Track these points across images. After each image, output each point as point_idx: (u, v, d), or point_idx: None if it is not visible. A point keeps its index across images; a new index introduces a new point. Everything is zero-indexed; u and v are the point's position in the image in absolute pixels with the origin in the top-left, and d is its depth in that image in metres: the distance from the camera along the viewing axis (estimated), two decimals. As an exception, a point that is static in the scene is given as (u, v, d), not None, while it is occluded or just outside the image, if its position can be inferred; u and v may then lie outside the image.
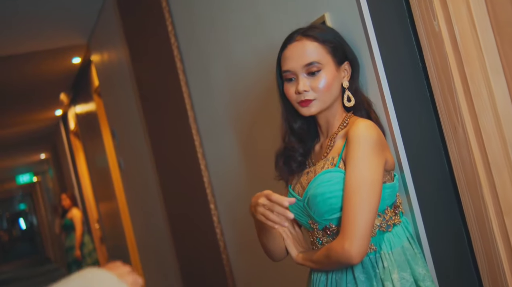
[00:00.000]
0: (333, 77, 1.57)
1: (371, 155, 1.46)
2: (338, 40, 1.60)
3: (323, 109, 1.60)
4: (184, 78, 3.04)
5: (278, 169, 1.72)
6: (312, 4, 1.84)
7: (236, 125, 2.66)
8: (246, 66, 2.42)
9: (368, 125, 1.50)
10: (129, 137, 4.86)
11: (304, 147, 1.69)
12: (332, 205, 1.50)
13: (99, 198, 7.68)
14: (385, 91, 1.61)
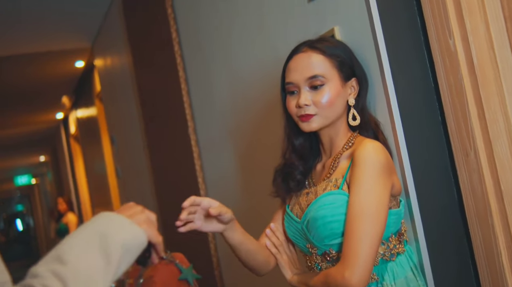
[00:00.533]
0: (337, 93, 1.49)
1: (378, 178, 1.37)
2: (346, 55, 1.52)
3: (324, 126, 1.51)
4: (185, 87, 2.96)
5: (276, 186, 1.63)
6: (322, 16, 1.76)
7: (236, 139, 2.57)
8: (249, 79, 2.33)
9: (376, 146, 1.41)
10: (128, 144, 4.79)
11: (305, 165, 1.60)
12: (333, 229, 1.41)
13: (95, 204, 7.59)
14: (394, 111, 1.52)
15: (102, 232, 1.01)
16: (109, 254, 0.99)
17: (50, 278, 0.89)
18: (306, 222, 1.47)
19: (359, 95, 1.53)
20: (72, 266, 0.92)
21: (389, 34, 1.54)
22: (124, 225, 1.06)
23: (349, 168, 1.44)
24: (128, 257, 1.03)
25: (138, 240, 1.06)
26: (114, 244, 1.00)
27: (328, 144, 1.56)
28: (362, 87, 1.53)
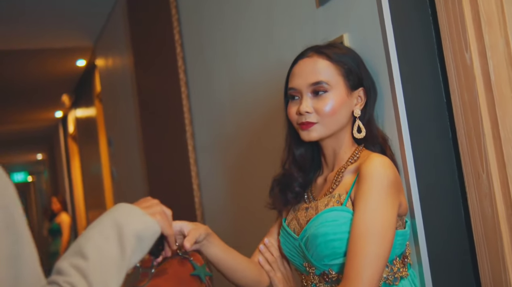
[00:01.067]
0: (342, 102, 1.40)
1: (385, 195, 1.28)
2: (355, 63, 1.43)
3: (325, 136, 1.42)
4: (186, 90, 2.88)
5: (273, 197, 1.54)
6: (331, 22, 1.67)
7: (234, 146, 2.48)
8: (252, 85, 2.25)
9: (385, 162, 1.32)
10: (125, 147, 4.71)
11: (304, 177, 1.51)
12: (335, 248, 1.31)
13: (89, 205, 7.49)
14: (403, 125, 1.44)
15: (118, 223, 1.06)
16: (124, 244, 1.04)
17: (74, 275, 0.94)
18: (305, 239, 1.38)
19: (366, 107, 1.44)
20: (92, 261, 0.97)
21: (401, 44, 1.46)
22: (138, 215, 1.10)
23: (354, 183, 1.35)
24: (140, 247, 1.08)
25: (150, 230, 1.10)
26: (128, 234, 1.05)
27: (331, 156, 1.47)
28: (370, 98, 1.44)
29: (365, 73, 1.45)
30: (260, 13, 2.14)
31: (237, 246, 2.46)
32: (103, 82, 5.47)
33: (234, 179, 2.54)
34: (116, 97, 4.93)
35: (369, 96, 1.44)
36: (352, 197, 1.34)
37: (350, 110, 1.42)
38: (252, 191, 2.36)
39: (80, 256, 0.98)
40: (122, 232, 1.05)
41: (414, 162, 1.43)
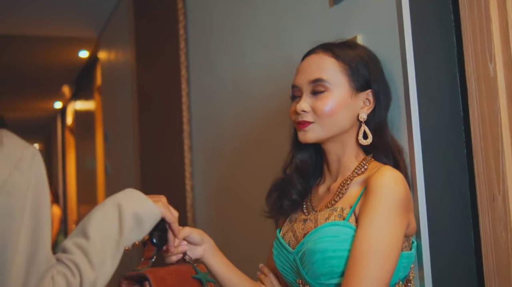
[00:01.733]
0: (343, 103, 1.28)
1: (394, 213, 1.17)
2: (365, 62, 1.31)
3: (323, 138, 1.31)
4: (186, 88, 2.77)
5: (269, 203, 1.42)
6: (345, 23, 1.56)
7: (232, 149, 2.37)
8: (256, 85, 2.14)
9: (397, 177, 1.20)
10: (120, 142, 4.60)
11: (305, 185, 1.40)
12: (333, 267, 1.19)
13: (81, 200, 7.38)
14: (415, 138, 1.32)
15: (119, 204, 1.17)
16: (122, 223, 1.15)
17: (76, 253, 1.06)
18: (300, 254, 1.26)
19: (375, 111, 1.31)
20: (93, 240, 1.09)
21: (419, 49, 1.34)
22: (140, 199, 1.21)
23: (360, 197, 1.23)
24: (138, 227, 1.18)
25: (150, 213, 1.20)
26: (127, 213, 1.16)
27: (335, 164, 1.35)
28: (380, 102, 1.31)
29: (377, 74, 1.32)
30: (269, 10, 2.03)
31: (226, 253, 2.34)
32: (104, 76, 5.37)
33: (230, 183, 2.42)
34: (116, 92, 4.83)
35: (379, 100, 1.31)
36: (356, 212, 1.22)
37: (355, 114, 1.31)
38: (248, 198, 2.24)
39: (82, 236, 1.10)
40: (122, 212, 1.16)
41: (425, 178, 1.32)
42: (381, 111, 1.32)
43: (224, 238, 2.49)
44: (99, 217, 1.14)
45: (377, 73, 1.33)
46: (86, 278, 1.05)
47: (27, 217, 0.99)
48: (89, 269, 1.06)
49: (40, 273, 0.99)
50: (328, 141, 1.33)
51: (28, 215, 0.99)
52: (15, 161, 1.01)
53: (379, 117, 1.31)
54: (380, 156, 1.31)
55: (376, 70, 1.33)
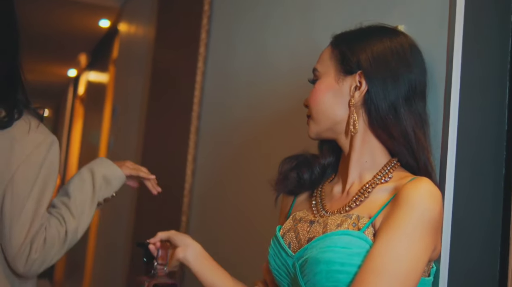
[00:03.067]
0: (326, 89, 1.16)
1: (423, 233, 1.00)
2: (362, 43, 1.15)
3: (320, 131, 1.19)
4: (202, 66, 2.60)
5: (283, 172, 1.27)
6: (385, 9, 1.40)
7: (243, 135, 2.21)
8: (276, 72, 1.98)
9: (435, 193, 1.02)
10: (127, 118, 4.46)
11: (325, 168, 1.26)
12: (338, 282, 1.02)
13: (81, 172, 7.25)
14: (450, 149, 1.15)
15: (92, 169, 1.60)
16: (95, 184, 1.58)
17: (61, 208, 1.51)
18: (302, 261, 1.09)
19: (371, 95, 1.12)
20: (73, 198, 1.53)
21: (469, 53, 1.18)
22: (108, 164, 1.63)
23: (385, 207, 1.06)
24: (106, 186, 1.61)
25: (116, 174, 1.63)
26: (97, 176, 1.59)
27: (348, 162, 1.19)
28: (374, 84, 1.12)
29: (374, 52, 1.13)
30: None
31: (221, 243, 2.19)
32: (122, 49, 5.24)
33: (234, 173, 2.26)
34: (131, 66, 4.70)
35: (372, 82, 1.12)
36: (376, 224, 1.05)
37: (345, 100, 1.15)
38: (252, 192, 2.08)
39: (65, 195, 1.54)
40: (94, 175, 1.59)
41: (454, 200, 1.15)
42: (379, 96, 1.12)
43: (220, 231, 2.34)
44: (77, 180, 1.58)
45: (376, 52, 1.14)
46: (70, 225, 1.49)
47: (37, 183, 1.44)
48: (72, 219, 1.50)
49: (39, 223, 1.43)
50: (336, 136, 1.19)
51: (38, 182, 1.44)
52: (37, 143, 1.46)
53: (378, 104, 1.12)
54: (404, 156, 1.13)
55: (377, 49, 1.14)
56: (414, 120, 1.11)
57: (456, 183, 1.15)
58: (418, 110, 1.12)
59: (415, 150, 1.10)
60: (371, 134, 1.15)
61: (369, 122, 1.14)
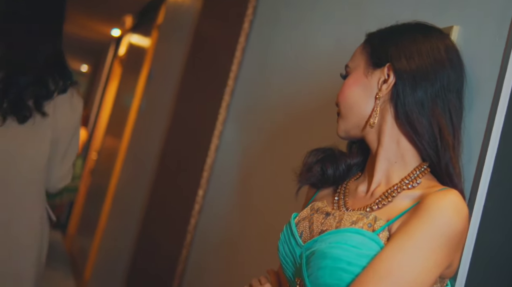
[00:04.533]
0: (353, 82, 1.12)
1: (440, 245, 0.94)
2: (395, 37, 1.11)
3: (348, 129, 1.15)
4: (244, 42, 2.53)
5: (306, 163, 1.23)
6: (443, 8, 1.32)
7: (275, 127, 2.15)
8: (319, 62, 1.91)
9: (462, 207, 0.96)
10: (161, 85, 4.44)
11: (346, 169, 1.20)
12: (341, 280, 0.97)
13: (109, 131, 7.29)
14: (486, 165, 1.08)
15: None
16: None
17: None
18: (309, 252, 1.04)
19: (398, 89, 1.07)
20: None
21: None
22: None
23: (405, 213, 1.00)
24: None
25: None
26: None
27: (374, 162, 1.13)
28: (403, 78, 1.07)
29: (407, 46, 1.09)
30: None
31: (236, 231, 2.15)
32: (167, 15, 5.21)
33: (257, 156, 2.21)
34: (173, 34, 4.67)
35: (401, 76, 1.07)
36: (392, 228, 1.00)
37: (374, 94, 1.10)
38: (272, 181, 2.03)
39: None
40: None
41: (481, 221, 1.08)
42: (406, 90, 1.07)
43: (231, 230, 2.30)
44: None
45: (407, 45, 1.09)
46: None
47: (77, 131, 2.06)
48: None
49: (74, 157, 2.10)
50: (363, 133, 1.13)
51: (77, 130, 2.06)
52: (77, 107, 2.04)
53: (404, 98, 1.07)
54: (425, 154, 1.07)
55: (409, 43, 1.09)
56: (441, 118, 1.05)
57: (488, 199, 1.08)
58: (448, 108, 1.06)
59: (439, 147, 1.05)
60: (399, 131, 1.09)
61: (396, 117, 1.09)
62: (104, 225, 5.36)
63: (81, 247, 6.31)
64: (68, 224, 7.80)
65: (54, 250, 6.80)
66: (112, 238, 4.84)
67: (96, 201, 6.09)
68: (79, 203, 7.59)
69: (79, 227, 7.20)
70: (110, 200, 5.37)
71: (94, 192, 6.63)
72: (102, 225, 5.41)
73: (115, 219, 4.94)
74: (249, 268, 1.99)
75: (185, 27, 4.10)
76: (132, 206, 4.20)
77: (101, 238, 5.34)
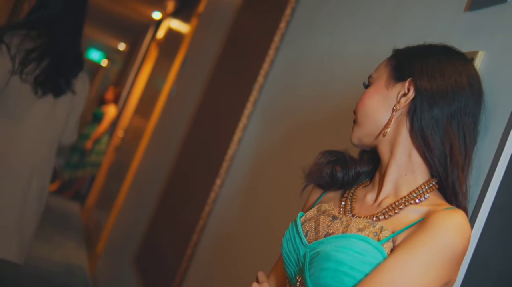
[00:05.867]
0: (374, 92, 1.16)
1: (440, 262, 0.98)
2: (419, 55, 1.16)
3: (362, 136, 1.18)
4: (278, 41, 2.59)
5: (317, 164, 1.27)
6: (472, 32, 1.35)
7: (300, 128, 2.20)
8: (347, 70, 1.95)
9: (466, 229, 1.00)
10: (194, 73, 4.51)
11: (358, 172, 1.24)
12: (342, 283, 1.02)
13: (137, 111, 7.39)
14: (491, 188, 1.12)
15: None
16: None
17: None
18: (314, 253, 1.09)
19: (416, 105, 1.11)
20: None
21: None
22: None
23: (411, 227, 1.04)
24: None
25: None
26: None
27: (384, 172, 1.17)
28: (422, 94, 1.11)
29: (430, 65, 1.13)
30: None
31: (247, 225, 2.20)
32: (208, 5, 5.27)
33: (277, 154, 2.26)
34: (212, 24, 4.73)
35: (420, 92, 1.11)
36: (396, 240, 1.04)
37: (392, 106, 1.14)
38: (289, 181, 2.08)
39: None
40: None
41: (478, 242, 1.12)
42: (424, 106, 1.11)
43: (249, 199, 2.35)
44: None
45: (431, 65, 1.13)
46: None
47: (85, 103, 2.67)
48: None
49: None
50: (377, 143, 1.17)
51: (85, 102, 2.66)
52: (86, 84, 2.69)
53: (421, 114, 1.11)
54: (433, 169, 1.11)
55: (433, 64, 1.13)
56: (454, 138, 1.09)
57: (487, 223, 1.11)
58: (462, 130, 1.10)
59: (448, 165, 1.08)
60: (412, 145, 1.13)
61: (410, 131, 1.12)
62: (122, 202, 5.46)
63: (97, 221, 6.43)
64: (87, 197, 7.94)
65: (71, 220, 6.95)
66: (128, 215, 4.93)
67: (117, 178, 6.19)
68: (100, 178, 7.72)
69: (97, 201, 7.33)
70: (131, 179, 5.47)
71: (116, 169, 6.73)
72: (120, 201, 5.52)
73: (133, 197, 5.03)
74: (254, 258, 2.04)
75: (224, 19, 4.16)
76: (151, 187, 4.28)
77: (118, 215, 5.45)
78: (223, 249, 2.41)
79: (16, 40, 2.41)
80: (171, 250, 3.08)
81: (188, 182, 3.38)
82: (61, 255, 5.35)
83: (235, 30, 3.69)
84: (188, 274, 2.65)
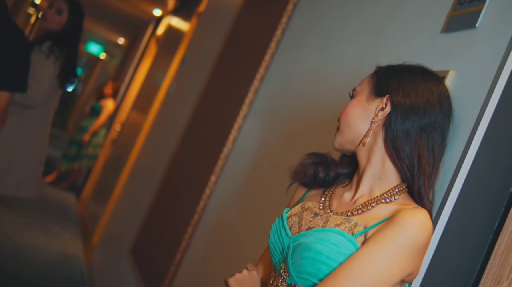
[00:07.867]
0: (356, 105, 1.32)
1: (403, 255, 1.14)
2: (397, 74, 1.32)
3: (343, 142, 1.34)
4: (274, 47, 2.74)
5: (302, 165, 1.43)
6: (445, 53, 1.51)
7: (287, 126, 2.36)
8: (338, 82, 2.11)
9: (427, 225, 1.16)
10: (193, 71, 4.64)
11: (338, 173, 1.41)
12: (320, 270, 1.18)
13: (135, 106, 7.51)
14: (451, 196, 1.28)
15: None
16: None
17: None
18: (296, 244, 1.25)
19: (390, 119, 1.27)
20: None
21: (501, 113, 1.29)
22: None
23: (380, 224, 1.20)
24: None
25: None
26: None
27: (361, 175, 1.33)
28: (397, 110, 1.26)
29: (406, 84, 1.29)
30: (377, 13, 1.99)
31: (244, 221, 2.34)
32: (209, 4, 5.39)
33: (270, 154, 2.41)
34: (212, 24, 4.85)
35: (395, 108, 1.27)
36: (367, 235, 1.20)
37: (370, 118, 1.30)
38: (277, 184, 2.23)
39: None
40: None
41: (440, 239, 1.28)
42: (398, 120, 1.26)
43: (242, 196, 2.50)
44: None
45: (407, 84, 1.29)
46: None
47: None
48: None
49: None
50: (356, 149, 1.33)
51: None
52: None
53: (394, 126, 1.27)
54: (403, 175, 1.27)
55: (409, 83, 1.29)
56: (423, 149, 1.25)
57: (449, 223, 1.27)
58: (432, 143, 1.26)
59: (415, 172, 1.24)
60: (386, 153, 1.28)
61: (385, 141, 1.28)
62: (118, 195, 5.59)
63: (93, 213, 6.55)
64: (83, 189, 8.07)
65: (67, 211, 7.08)
66: (124, 208, 5.06)
67: (114, 171, 6.31)
68: (96, 170, 7.85)
69: (93, 193, 7.46)
70: (127, 172, 5.59)
71: (113, 162, 6.85)
72: (116, 194, 5.65)
73: (130, 191, 5.16)
74: (248, 250, 2.20)
75: (223, 21, 4.28)
76: (147, 181, 4.41)
77: (114, 207, 5.58)
78: (216, 242, 2.56)
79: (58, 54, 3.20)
80: (166, 242, 3.22)
81: (184, 177, 3.52)
82: (57, 245, 5.49)
83: (234, 33, 3.82)
84: (182, 265, 2.80)
